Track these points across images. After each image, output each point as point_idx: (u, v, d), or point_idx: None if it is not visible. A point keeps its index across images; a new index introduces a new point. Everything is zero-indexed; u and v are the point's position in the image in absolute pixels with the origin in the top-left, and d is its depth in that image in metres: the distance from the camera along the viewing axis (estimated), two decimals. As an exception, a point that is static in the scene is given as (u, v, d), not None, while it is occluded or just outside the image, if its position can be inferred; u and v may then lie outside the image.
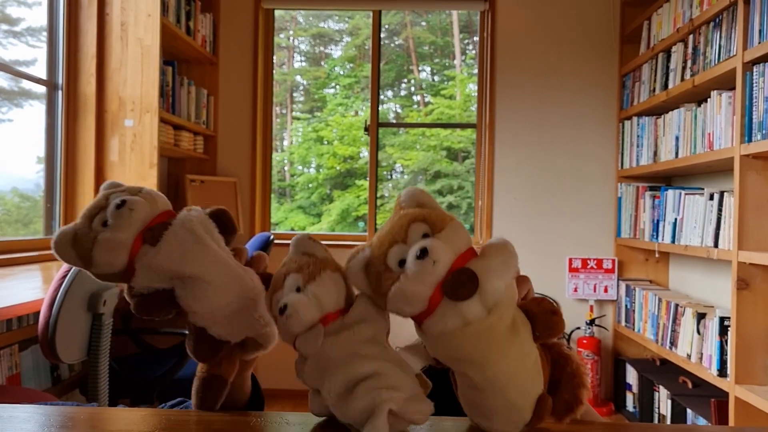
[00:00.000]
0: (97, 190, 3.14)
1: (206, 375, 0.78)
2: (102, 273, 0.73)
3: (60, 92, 3.15)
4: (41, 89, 3.12)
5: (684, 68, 3.08)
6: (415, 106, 5.52)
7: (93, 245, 0.71)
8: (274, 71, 4.45)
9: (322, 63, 5.97)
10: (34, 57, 3.13)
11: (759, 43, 2.36)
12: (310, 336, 0.68)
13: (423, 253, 0.63)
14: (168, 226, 0.72)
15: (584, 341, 3.77)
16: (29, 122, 3.14)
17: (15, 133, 3.07)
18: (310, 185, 5.64)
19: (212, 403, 0.78)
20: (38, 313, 1.73)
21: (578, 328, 3.90)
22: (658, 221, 3.35)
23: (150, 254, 0.71)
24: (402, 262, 0.65)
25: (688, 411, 2.79)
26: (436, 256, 0.63)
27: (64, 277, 1.69)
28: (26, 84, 3.08)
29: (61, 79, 3.15)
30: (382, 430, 0.63)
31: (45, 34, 3.14)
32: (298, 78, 5.99)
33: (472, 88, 4.82)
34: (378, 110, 4.37)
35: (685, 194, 3.02)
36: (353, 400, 0.65)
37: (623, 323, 3.75)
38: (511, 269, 0.65)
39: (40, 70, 3.11)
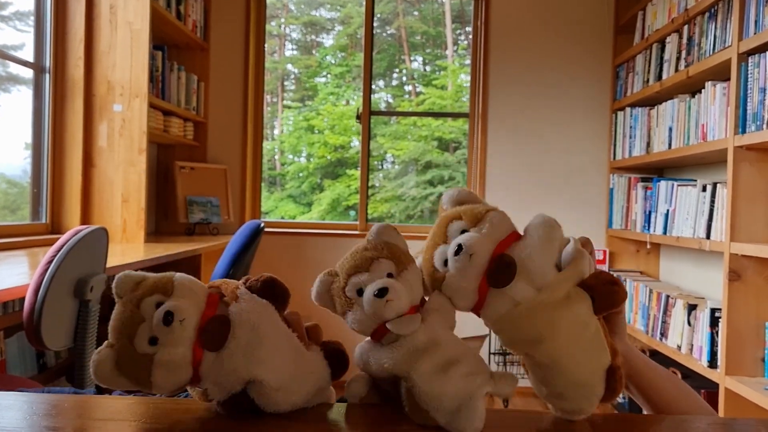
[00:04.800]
0: (85, 176, 3.12)
1: None
2: (164, 392, 0.68)
3: (47, 75, 3.10)
4: (29, 74, 3.06)
5: (678, 59, 3.07)
6: (407, 96, 5.50)
7: (150, 369, 0.64)
8: (266, 59, 4.41)
9: (314, 52, 5.93)
10: (22, 42, 3.07)
11: (754, 33, 2.35)
12: (408, 321, 0.69)
13: (459, 249, 0.66)
14: (222, 323, 0.67)
15: (574, 332, 3.77)
16: (16, 108, 3.09)
17: (2, 119, 3.02)
18: (301, 174, 5.62)
19: None
20: (24, 299, 1.70)
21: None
22: (650, 212, 3.35)
23: (215, 366, 0.66)
24: (447, 262, 0.68)
25: (678, 402, 2.79)
26: (472, 249, 0.66)
27: (50, 262, 1.66)
28: (14, 69, 3.02)
29: (48, 62, 3.10)
30: (481, 414, 0.65)
31: (33, 18, 3.08)
32: (290, 66, 5.96)
33: (464, 78, 4.80)
34: (370, 99, 4.34)
35: (678, 185, 3.02)
36: (448, 384, 0.66)
37: (613, 314, 3.76)
38: (553, 243, 0.68)
39: (28, 55, 3.06)
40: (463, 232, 0.69)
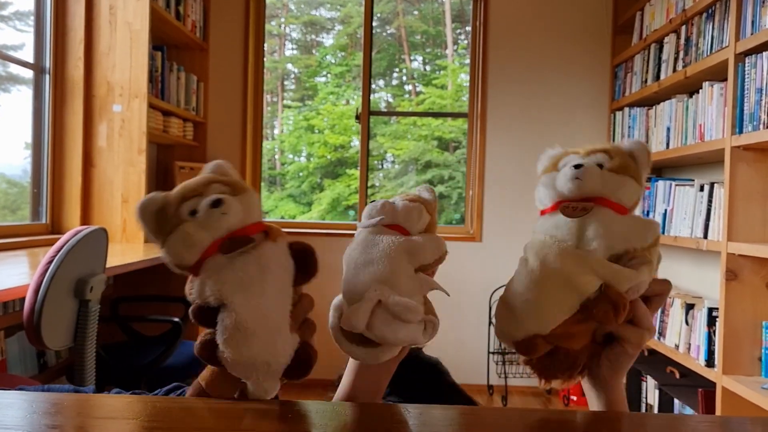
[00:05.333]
0: (85, 177, 3.13)
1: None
2: (169, 260, 0.70)
3: (47, 76, 3.11)
4: (29, 74, 3.07)
5: (676, 59, 3.08)
6: (407, 96, 5.50)
7: (173, 230, 0.69)
8: (265, 59, 4.42)
9: (314, 51, 5.94)
10: (22, 42, 3.08)
11: (751, 34, 2.36)
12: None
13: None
14: (248, 244, 0.70)
15: (573, 331, 3.78)
16: (17, 108, 3.10)
17: (2, 119, 3.03)
18: (301, 174, 5.62)
19: None
20: (24, 299, 1.71)
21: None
22: (648, 212, 3.36)
23: (214, 270, 0.68)
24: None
25: (676, 401, 2.81)
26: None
27: (50, 262, 1.67)
28: (14, 69, 3.03)
29: (48, 63, 3.11)
30: (361, 316, 0.69)
31: (33, 18, 3.09)
32: (290, 66, 5.96)
33: (464, 78, 4.81)
34: (369, 99, 4.35)
35: (676, 185, 3.03)
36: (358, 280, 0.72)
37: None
38: (645, 239, 0.70)
39: (28, 55, 3.07)
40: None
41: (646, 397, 3.19)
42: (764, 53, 2.26)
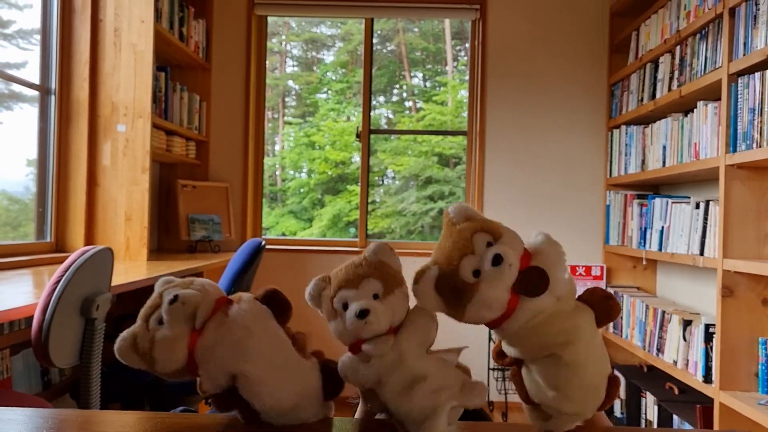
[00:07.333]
0: (89, 195, 3.17)
1: None
2: (166, 371, 0.75)
3: (53, 97, 3.16)
4: (30, 92, 3.12)
5: (671, 79, 3.13)
6: (407, 112, 5.54)
7: (152, 345, 0.73)
8: (267, 76, 4.47)
9: (315, 68, 5.99)
10: (25, 60, 3.12)
11: (744, 55, 2.40)
12: (381, 343, 0.73)
13: (497, 260, 0.69)
14: (222, 319, 0.74)
15: (573, 347, 3.79)
16: (18, 124, 3.13)
17: (3, 136, 3.07)
18: (302, 190, 5.65)
19: None
20: (30, 317, 1.73)
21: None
22: (645, 229, 3.39)
23: (206, 353, 0.72)
24: (477, 272, 0.70)
25: (674, 417, 2.82)
26: (510, 260, 0.70)
27: (58, 281, 1.70)
28: (16, 86, 3.07)
29: (54, 84, 3.16)
30: (441, 426, 0.70)
31: (36, 36, 3.14)
32: (290, 83, 6.00)
33: (464, 94, 4.85)
34: (370, 116, 4.39)
35: (672, 203, 3.06)
36: (414, 400, 0.71)
37: (611, 329, 3.79)
38: (565, 260, 0.73)
39: (30, 73, 3.11)
40: (489, 244, 0.72)
41: (646, 414, 3.20)
42: (756, 74, 2.30)
